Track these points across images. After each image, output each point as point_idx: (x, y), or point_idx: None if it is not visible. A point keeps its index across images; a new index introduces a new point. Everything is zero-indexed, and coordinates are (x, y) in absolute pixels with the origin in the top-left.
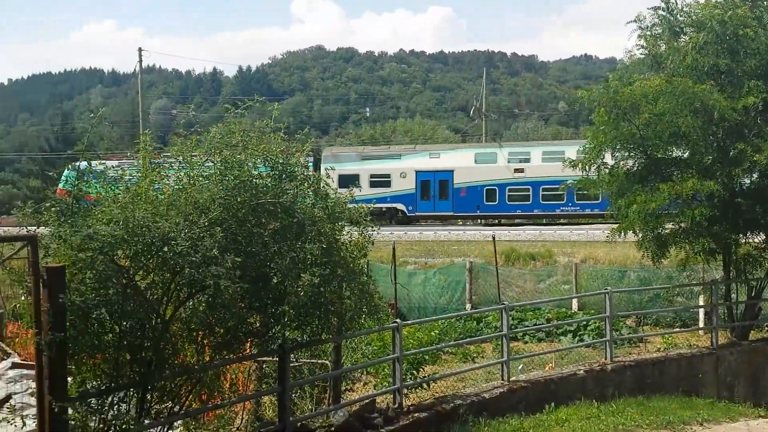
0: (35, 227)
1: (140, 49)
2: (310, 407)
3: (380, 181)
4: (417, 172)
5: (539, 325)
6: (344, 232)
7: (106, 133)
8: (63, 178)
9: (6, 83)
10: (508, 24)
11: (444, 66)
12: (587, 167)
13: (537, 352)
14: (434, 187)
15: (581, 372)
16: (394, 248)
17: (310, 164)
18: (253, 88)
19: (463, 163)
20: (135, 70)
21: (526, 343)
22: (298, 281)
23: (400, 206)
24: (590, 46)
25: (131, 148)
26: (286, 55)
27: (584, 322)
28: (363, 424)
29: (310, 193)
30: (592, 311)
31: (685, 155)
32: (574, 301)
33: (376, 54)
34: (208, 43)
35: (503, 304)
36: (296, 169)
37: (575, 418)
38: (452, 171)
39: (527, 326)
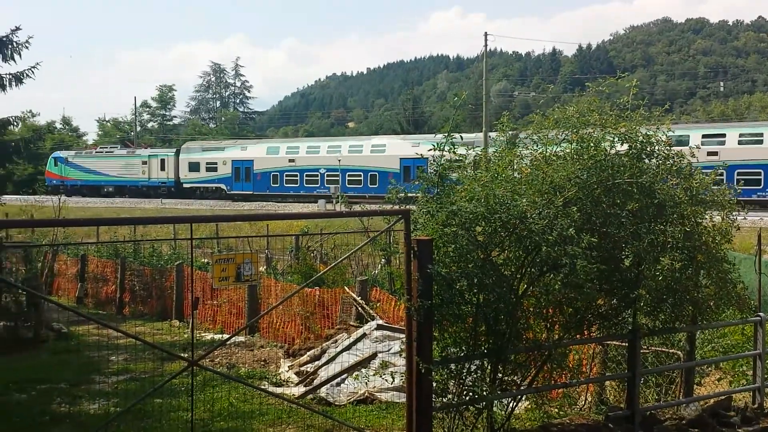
0: (405, 203)
1: (486, 34)
2: (655, 397)
3: (212, 167)
4: (232, 160)
5: None
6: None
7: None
8: (50, 161)
9: (365, 72)
10: None
11: None
12: None
13: None
14: (243, 173)
15: None
16: (759, 235)
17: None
18: (592, 66)
19: (259, 154)
20: (479, 54)
21: None
22: (656, 265)
23: (222, 186)
24: None
25: (473, 129)
26: (629, 30)
27: None
28: (717, 421)
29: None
30: None
31: None
32: None
33: (730, 23)
34: (548, 23)
35: None
36: (657, 148)
37: None
38: (252, 160)
39: None
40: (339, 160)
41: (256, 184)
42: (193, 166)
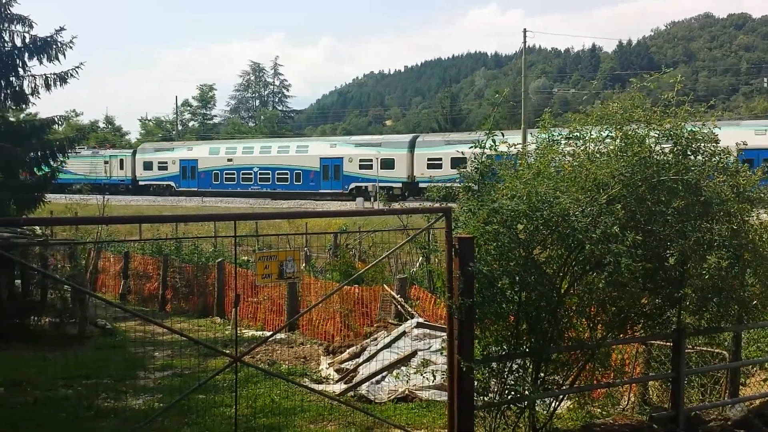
0: (446, 201)
1: (524, 30)
2: (699, 397)
3: (163, 166)
4: (180, 160)
5: None
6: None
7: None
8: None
9: (402, 70)
10: None
11: None
12: None
13: None
14: (189, 171)
15: None
16: None
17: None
18: (632, 62)
19: (203, 154)
20: (517, 51)
21: None
22: (702, 264)
23: (172, 183)
24: None
25: (512, 126)
26: (670, 26)
27: None
28: (763, 422)
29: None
30: None
31: None
32: None
33: None
34: (587, 19)
35: None
36: (702, 145)
37: None
38: (197, 160)
39: None
40: (269, 160)
41: (200, 181)
42: (147, 165)
